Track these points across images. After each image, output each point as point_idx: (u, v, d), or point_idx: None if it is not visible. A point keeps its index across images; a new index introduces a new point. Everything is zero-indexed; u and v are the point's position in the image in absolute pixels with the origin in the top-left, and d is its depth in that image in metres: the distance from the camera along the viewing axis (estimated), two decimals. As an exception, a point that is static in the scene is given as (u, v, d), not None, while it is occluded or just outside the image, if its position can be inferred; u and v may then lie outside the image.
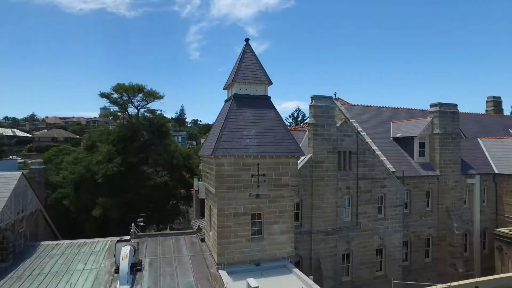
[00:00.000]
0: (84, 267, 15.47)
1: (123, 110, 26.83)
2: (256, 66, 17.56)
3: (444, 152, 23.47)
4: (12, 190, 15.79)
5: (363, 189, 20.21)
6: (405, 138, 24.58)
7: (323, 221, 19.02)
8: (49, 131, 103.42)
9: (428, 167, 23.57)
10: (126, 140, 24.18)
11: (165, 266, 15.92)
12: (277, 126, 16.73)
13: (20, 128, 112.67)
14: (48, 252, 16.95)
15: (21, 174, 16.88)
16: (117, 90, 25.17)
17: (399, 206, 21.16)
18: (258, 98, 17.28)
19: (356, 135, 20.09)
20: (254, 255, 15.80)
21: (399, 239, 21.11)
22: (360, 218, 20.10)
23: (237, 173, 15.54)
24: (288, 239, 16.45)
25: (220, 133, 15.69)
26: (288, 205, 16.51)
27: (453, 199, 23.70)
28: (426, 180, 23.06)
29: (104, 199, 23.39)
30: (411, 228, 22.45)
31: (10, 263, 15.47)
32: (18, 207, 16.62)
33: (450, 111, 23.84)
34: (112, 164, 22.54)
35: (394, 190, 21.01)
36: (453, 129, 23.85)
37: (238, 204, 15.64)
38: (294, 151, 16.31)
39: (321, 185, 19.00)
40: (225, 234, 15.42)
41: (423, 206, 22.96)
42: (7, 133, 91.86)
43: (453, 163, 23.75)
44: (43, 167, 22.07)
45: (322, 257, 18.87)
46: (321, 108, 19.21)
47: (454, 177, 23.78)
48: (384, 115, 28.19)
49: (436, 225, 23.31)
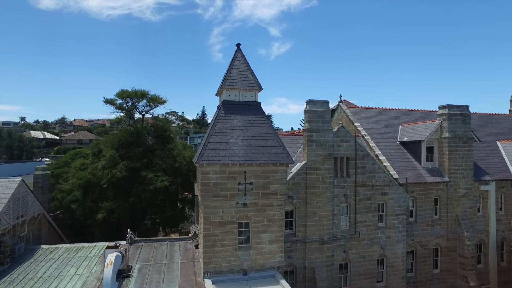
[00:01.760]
0: (75, 272, 15.86)
1: (129, 116, 27.44)
2: (247, 72, 17.31)
3: (454, 157, 22.11)
4: (10, 196, 16.48)
5: (362, 197, 19.41)
6: (412, 142, 23.41)
7: (318, 229, 18.45)
8: (76, 134, 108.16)
9: (437, 173, 22.30)
10: (129, 145, 24.68)
11: (153, 273, 16.01)
12: (265, 132, 16.40)
13: (50, 130, 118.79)
14: (46, 255, 17.54)
15: (21, 180, 17.58)
16: (120, 95, 25.83)
17: (402, 215, 20.15)
18: (248, 104, 17.03)
19: (354, 141, 19.33)
20: (242, 264, 15.56)
21: (402, 249, 20.11)
22: (358, 227, 19.32)
23: (223, 181, 15.36)
24: (277, 249, 16.06)
25: (206, 141, 15.60)
26: (277, 214, 16.12)
27: (464, 207, 22.29)
28: (434, 187, 21.81)
29: (108, 203, 24.01)
30: (417, 237, 21.32)
31: (8, 266, 16.14)
32: (17, 212, 17.33)
33: (461, 113, 22.42)
34: (116, 170, 23.09)
35: (397, 197, 20.02)
36: (464, 132, 22.42)
37: (224, 213, 15.45)
38: (282, 158, 15.90)
39: (316, 192, 18.43)
40: (211, 242, 15.28)
41: (430, 214, 21.74)
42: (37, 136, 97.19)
43: (464, 169, 22.32)
44: (46, 173, 22.99)
45: (317, 266, 18.30)
46: (315, 113, 18.63)
47: (465, 183, 22.35)
48: (393, 118, 27.04)
49: (445, 235, 22.00)
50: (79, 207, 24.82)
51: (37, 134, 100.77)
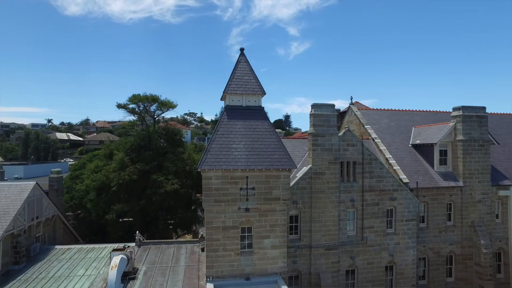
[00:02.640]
0: (84, 272, 16.46)
1: (141, 120, 28.16)
2: (250, 77, 17.36)
3: (469, 161, 21.21)
4: (25, 199, 17.31)
5: (369, 202, 18.99)
6: (425, 145, 22.67)
7: (323, 235, 18.21)
8: (98, 135, 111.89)
9: (450, 177, 21.47)
10: (140, 149, 25.33)
11: (158, 275, 16.35)
12: (268, 137, 16.37)
13: (74, 132, 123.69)
14: (58, 256, 18.30)
15: (35, 183, 18.43)
16: (132, 100, 26.57)
17: (412, 220, 19.55)
18: (251, 109, 17.06)
19: (361, 144, 18.94)
20: (244, 269, 15.62)
21: (412, 256, 19.51)
22: (366, 232, 18.92)
23: (225, 186, 15.47)
24: (280, 254, 16.01)
25: (208, 146, 15.76)
26: (280, 219, 16.06)
27: (480, 213, 21.34)
28: (447, 192, 21.01)
29: (120, 205, 24.73)
30: (429, 244, 20.61)
31: (23, 266, 16.97)
32: (32, 214, 18.17)
33: (476, 115, 21.47)
34: (125, 172, 23.76)
35: (406, 203, 19.45)
36: (480, 135, 21.46)
37: (227, 218, 15.56)
38: (285, 164, 15.83)
39: (322, 197, 18.20)
40: (214, 247, 15.43)
41: (443, 220, 20.96)
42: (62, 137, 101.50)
43: (480, 173, 21.37)
44: (60, 176, 24.00)
45: (322, 272, 18.08)
46: (321, 117, 18.40)
47: (482, 188, 21.39)
48: (406, 120, 26.30)
49: (460, 242, 21.14)
50: (93, 207, 25.71)
51: (62, 136, 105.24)
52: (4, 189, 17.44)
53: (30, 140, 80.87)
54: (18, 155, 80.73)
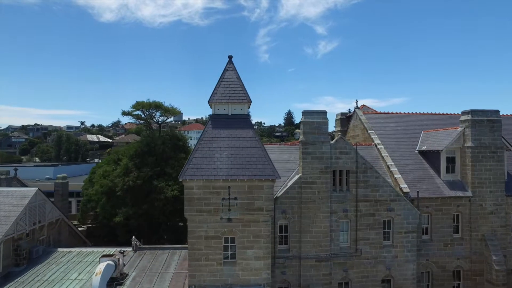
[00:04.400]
0: (77, 276, 17.11)
1: (147, 126, 28.92)
2: (236, 85, 17.22)
3: (479, 169, 19.64)
4: (26, 204, 18.30)
5: (364, 213, 18.16)
6: (431, 152, 21.31)
7: (314, 246, 17.65)
8: (125, 136, 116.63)
9: (458, 186, 20.02)
10: (144, 154, 25.99)
11: (145, 282, 16.66)
12: (252, 147, 16.13)
13: (105, 134, 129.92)
14: (58, 259, 19.18)
15: (37, 189, 19.44)
16: (135, 107, 27.37)
17: (411, 232, 18.44)
18: (236, 117, 16.90)
19: (355, 152, 18.14)
20: (226, 279, 15.52)
21: (412, 270, 18.41)
22: (360, 244, 18.10)
23: (207, 196, 15.45)
24: (264, 266, 15.73)
25: (191, 156, 15.81)
26: (264, 230, 15.78)
27: (492, 225, 19.70)
28: (453, 202, 19.60)
29: (126, 209, 25.49)
30: (433, 257, 19.35)
31: (23, 268, 17.95)
32: (34, 219, 19.18)
33: (488, 119, 19.84)
34: (129, 178, 24.47)
35: (405, 214, 18.38)
36: (492, 141, 19.82)
37: (209, 227, 15.53)
38: (267, 174, 15.52)
39: (312, 207, 17.64)
40: (196, 256, 15.46)
41: (449, 233, 19.58)
42: (92, 139, 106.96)
43: (492, 182, 19.72)
44: (66, 181, 25.20)
45: (312, 284, 17.53)
46: (311, 124, 17.82)
47: (495, 198, 19.74)
48: (415, 124, 24.88)
49: (469, 256, 19.65)
50: (101, 210, 26.72)
51: (93, 138, 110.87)
52: (8, 195, 18.57)
53: (62, 142, 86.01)
54: (52, 156, 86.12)
